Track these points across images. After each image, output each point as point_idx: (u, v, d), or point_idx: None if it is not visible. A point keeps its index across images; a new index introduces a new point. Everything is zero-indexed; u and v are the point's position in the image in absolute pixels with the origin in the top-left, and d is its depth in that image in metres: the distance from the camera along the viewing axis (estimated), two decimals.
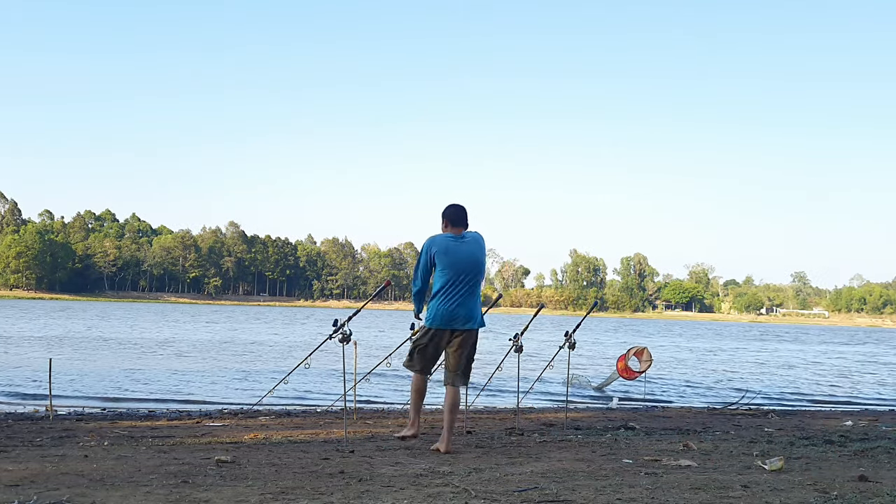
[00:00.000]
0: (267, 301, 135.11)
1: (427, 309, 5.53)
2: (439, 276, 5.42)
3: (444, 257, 5.39)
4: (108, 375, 13.53)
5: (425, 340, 5.54)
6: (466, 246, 5.42)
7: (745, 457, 5.25)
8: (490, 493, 3.74)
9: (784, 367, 22.74)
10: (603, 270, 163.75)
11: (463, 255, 5.39)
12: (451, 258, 5.37)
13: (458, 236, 5.46)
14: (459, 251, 5.39)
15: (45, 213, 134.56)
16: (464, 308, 5.37)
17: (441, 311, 5.38)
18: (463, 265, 5.37)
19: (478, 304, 5.47)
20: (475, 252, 5.44)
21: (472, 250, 5.43)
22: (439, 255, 5.40)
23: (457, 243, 5.42)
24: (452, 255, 5.37)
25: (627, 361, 11.75)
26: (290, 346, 24.77)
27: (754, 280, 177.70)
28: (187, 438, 6.13)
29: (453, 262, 5.37)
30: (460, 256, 5.38)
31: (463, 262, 5.37)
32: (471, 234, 5.52)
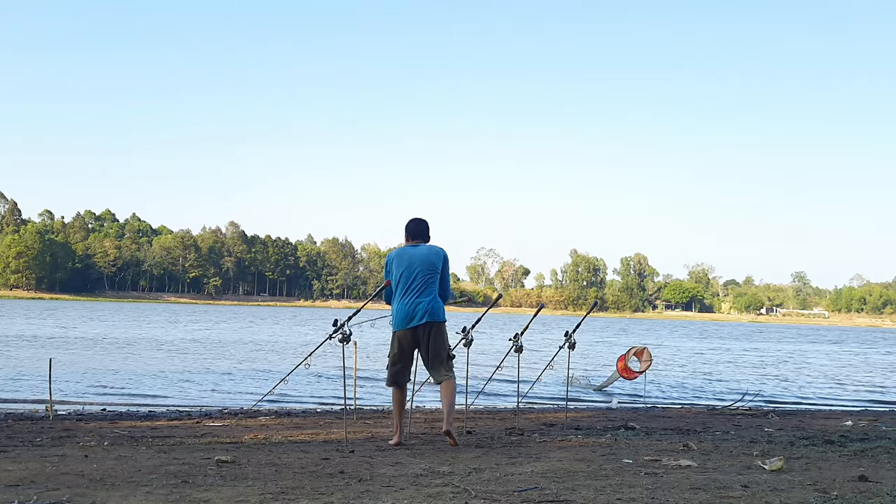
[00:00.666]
0: (267, 301, 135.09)
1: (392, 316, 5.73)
2: (395, 281, 5.68)
3: (398, 262, 5.68)
4: (109, 375, 13.53)
5: (395, 349, 5.69)
6: (418, 250, 5.69)
7: (745, 457, 5.25)
8: (490, 493, 3.74)
9: (784, 367, 22.73)
10: (603, 270, 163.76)
11: (415, 258, 5.63)
12: (404, 262, 5.64)
13: (413, 245, 5.74)
14: (412, 255, 5.65)
15: (45, 213, 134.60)
16: (421, 304, 5.55)
17: (399, 312, 5.60)
18: (415, 266, 5.61)
19: (435, 299, 5.63)
20: (426, 254, 5.67)
21: (424, 252, 5.67)
22: (394, 263, 5.70)
23: (410, 250, 5.70)
24: (405, 259, 5.64)
25: (628, 362, 11.75)
26: (290, 346, 24.77)
27: (754, 280, 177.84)
28: (187, 438, 6.13)
29: (407, 265, 5.62)
30: (412, 259, 5.63)
31: (415, 264, 5.61)
32: (426, 247, 5.75)
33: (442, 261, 5.73)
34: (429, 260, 5.67)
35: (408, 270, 5.62)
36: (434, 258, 5.69)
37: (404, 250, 5.73)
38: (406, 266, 5.64)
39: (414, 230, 5.81)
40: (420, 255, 5.67)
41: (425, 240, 5.80)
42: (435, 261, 5.69)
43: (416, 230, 5.81)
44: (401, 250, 5.76)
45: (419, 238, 5.79)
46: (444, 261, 5.76)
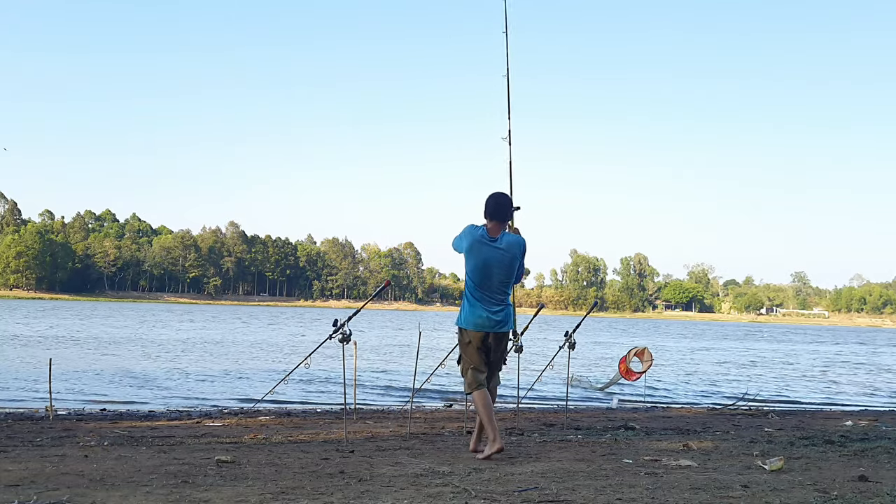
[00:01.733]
0: (267, 301, 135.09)
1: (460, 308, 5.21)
2: (468, 271, 5.08)
3: (474, 255, 5.02)
4: (108, 375, 13.53)
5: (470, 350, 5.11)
6: (498, 248, 5.00)
7: (745, 457, 5.25)
8: (490, 493, 3.74)
9: (783, 368, 22.73)
10: (603, 270, 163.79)
11: (493, 260, 4.99)
12: (480, 258, 5.00)
13: (492, 238, 5.02)
14: (490, 255, 4.99)
15: (45, 213, 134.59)
16: (495, 314, 5.03)
17: (472, 315, 5.04)
18: (492, 268, 4.99)
19: (508, 308, 5.11)
20: (506, 258, 5.02)
21: (504, 256, 5.01)
22: (469, 253, 5.04)
23: (488, 246, 5.00)
24: (483, 257, 4.99)
25: (629, 363, 11.74)
26: (290, 346, 24.77)
27: (754, 280, 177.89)
28: (187, 438, 6.13)
29: (483, 264, 4.99)
30: (490, 260, 4.99)
31: (492, 266, 4.99)
32: (508, 240, 5.05)
33: (521, 255, 5.10)
34: (508, 264, 5.03)
35: (483, 271, 4.99)
36: (512, 260, 5.04)
37: (482, 242, 4.99)
38: (483, 265, 4.99)
39: (494, 209, 5.04)
40: (499, 258, 4.99)
41: (505, 220, 5.07)
42: (512, 263, 5.05)
43: (497, 209, 5.04)
44: (478, 239, 5.00)
45: (497, 219, 5.02)
46: (523, 254, 5.11)
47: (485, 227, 5.05)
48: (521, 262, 5.12)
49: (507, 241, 5.03)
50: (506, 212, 5.06)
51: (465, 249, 5.05)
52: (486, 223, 5.07)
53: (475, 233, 5.03)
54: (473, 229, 5.05)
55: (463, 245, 5.07)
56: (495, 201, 5.07)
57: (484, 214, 5.07)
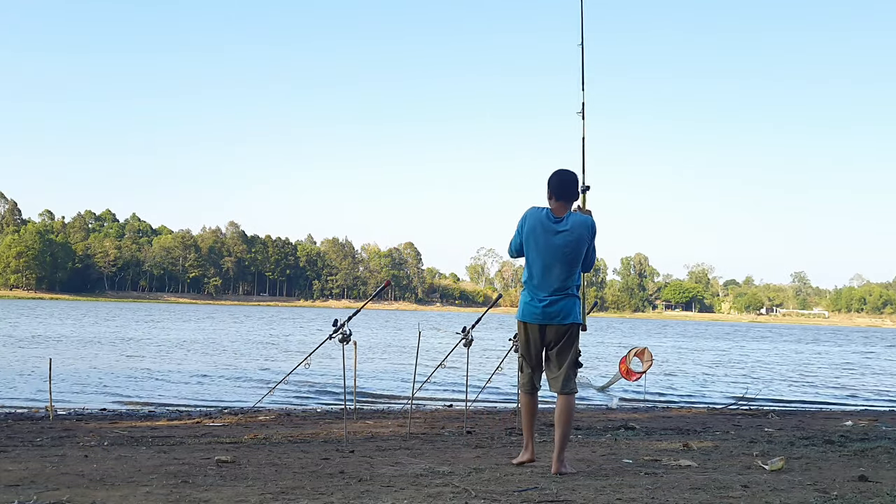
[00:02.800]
0: (267, 301, 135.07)
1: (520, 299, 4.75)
2: (527, 261, 4.60)
3: (532, 242, 4.54)
4: (108, 375, 13.53)
5: (523, 344, 4.66)
6: (561, 238, 4.48)
7: (745, 457, 5.25)
8: (490, 493, 3.74)
9: (783, 367, 22.73)
10: (603, 270, 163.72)
11: (556, 244, 4.48)
12: (540, 242, 4.51)
13: (557, 219, 4.51)
14: (552, 240, 4.49)
15: (45, 213, 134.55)
16: (555, 304, 4.50)
17: (528, 306, 4.57)
18: (555, 254, 4.49)
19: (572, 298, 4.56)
20: (573, 241, 4.49)
21: (569, 239, 4.49)
22: (527, 238, 4.55)
23: (550, 231, 4.50)
24: (543, 240, 4.50)
25: (629, 363, 11.75)
26: (290, 346, 24.77)
27: (754, 280, 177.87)
28: (187, 438, 6.13)
29: (544, 249, 4.50)
30: (552, 245, 4.49)
31: (555, 251, 4.48)
32: (574, 220, 4.53)
33: (589, 238, 4.55)
34: (571, 249, 4.49)
35: (546, 255, 4.49)
36: (577, 245, 4.50)
37: (542, 225, 4.50)
38: (541, 250, 4.50)
39: (559, 187, 4.54)
40: (561, 244, 4.47)
41: (572, 199, 4.58)
42: (577, 249, 4.50)
43: (562, 188, 4.54)
44: (538, 220, 4.52)
45: (565, 199, 4.54)
46: (592, 236, 4.57)
47: (548, 209, 4.57)
48: (590, 244, 4.58)
49: (573, 222, 4.51)
50: (572, 190, 4.57)
51: (525, 231, 4.55)
52: (550, 204, 4.59)
53: (538, 214, 4.55)
54: (536, 211, 4.58)
55: (523, 227, 4.58)
56: (559, 178, 4.57)
57: (548, 195, 4.59)
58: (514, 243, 4.66)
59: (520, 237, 4.61)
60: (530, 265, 4.58)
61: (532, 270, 4.56)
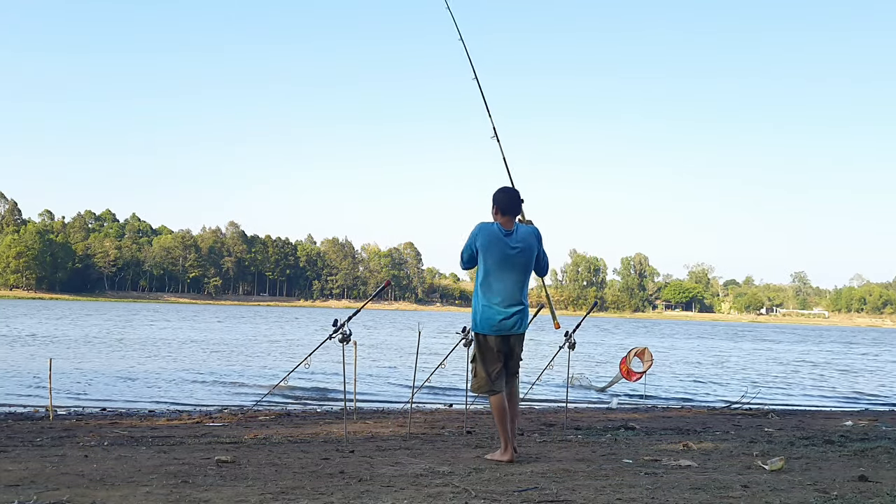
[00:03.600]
0: (267, 301, 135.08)
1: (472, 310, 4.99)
2: (482, 275, 4.88)
3: (488, 256, 4.82)
4: (108, 375, 13.53)
5: (485, 353, 4.92)
6: (516, 249, 4.83)
7: (745, 457, 5.25)
8: (490, 493, 3.74)
9: (783, 368, 22.73)
10: (603, 270, 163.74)
11: (510, 255, 4.81)
12: (495, 253, 4.80)
13: (508, 232, 4.84)
14: (506, 250, 4.81)
15: (45, 213, 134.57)
16: (514, 314, 4.85)
17: (489, 318, 4.84)
18: (509, 264, 4.81)
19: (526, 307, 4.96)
20: (524, 250, 4.85)
21: (521, 248, 4.84)
22: (483, 252, 4.83)
23: (505, 243, 4.82)
24: (498, 251, 4.80)
25: (630, 364, 11.75)
26: (290, 346, 24.77)
27: (754, 280, 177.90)
28: (187, 438, 6.13)
29: (499, 260, 4.80)
30: (506, 255, 4.81)
31: (509, 261, 4.81)
32: (524, 232, 4.90)
33: (538, 247, 4.93)
34: (526, 261, 4.86)
35: (500, 267, 4.80)
36: (530, 254, 4.87)
37: (497, 239, 4.81)
38: (498, 264, 4.80)
39: (506, 203, 4.89)
40: (516, 255, 4.82)
41: (517, 214, 4.93)
42: (530, 258, 4.88)
43: (509, 203, 4.89)
44: (492, 235, 4.82)
45: (511, 213, 4.89)
46: (540, 243, 4.95)
47: (498, 223, 4.88)
48: (540, 250, 4.95)
49: (522, 233, 4.88)
50: (517, 205, 4.92)
51: (481, 246, 4.82)
52: (497, 219, 4.91)
53: (489, 228, 4.85)
54: (487, 226, 4.88)
55: (477, 244, 4.85)
56: (506, 195, 4.92)
57: (494, 211, 4.92)
58: (466, 256, 4.94)
59: (472, 251, 4.90)
60: (489, 278, 4.85)
61: (491, 283, 4.85)
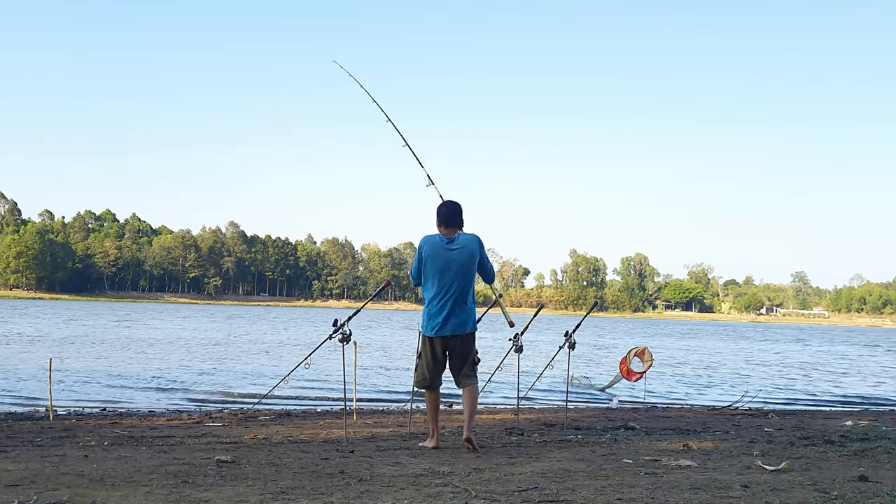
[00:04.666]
0: (267, 301, 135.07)
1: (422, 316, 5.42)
2: (427, 283, 5.30)
3: (432, 262, 5.27)
4: (108, 375, 13.53)
5: (427, 353, 5.37)
6: (454, 250, 5.26)
7: (745, 457, 5.25)
8: (490, 493, 3.73)
9: (783, 367, 22.73)
10: (603, 270, 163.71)
11: (451, 263, 5.24)
12: (438, 263, 5.24)
13: (449, 240, 5.28)
14: (448, 258, 5.24)
15: (45, 213, 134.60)
16: (453, 316, 5.24)
17: (432, 320, 5.27)
18: (451, 271, 5.23)
19: (470, 309, 5.33)
20: (464, 259, 5.26)
21: (461, 257, 5.26)
22: (427, 261, 5.28)
23: (446, 250, 5.25)
24: (441, 261, 5.24)
25: (630, 364, 11.75)
26: (290, 346, 24.77)
27: (754, 280, 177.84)
28: (187, 438, 6.13)
29: (441, 269, 5.23)
30: (448, 264, 5.23)
31: (451, 268, 5.23)
32: (464, 238, 5.33)
33: (479, 252, 5.33)
34: (466, 265, 5.26)
35: (442, 275, 5.24)
36: (470, 259, 5.27)
37: (439, 248, 5.27)
38: (441, 270, 5.24)
39: (447, 217, 5.34)
40: (457, 260, 5.24)
41: (459, 226, 5.35)
42: (471, 262, 5.28)
43: (450, 217, 5.34)
44: (435, 245, 5.29)
45: (453, 226, 5.32)
46: (481, 249, 5.36)
47: (440, 234, 5.35)
48: (482, 255, 5.36)
49: (462, 241, 5.31)
50: (458, 217, 5.36)
51: (427, 256, 5.28)
52: (440, 230, 5.37)
53: (433, 239, 5.33)
54: (430, 237, 5.36)
55: (423, 254, 5.30)
56: (448, 209, 5.38)
57: (437, 223, 5.38)
58: (416, 270, 5.41)
59: (419, 263, 5.36)
60: (432, 284, 5.27)
61: (434, 289, 5.26)
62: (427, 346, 5.36)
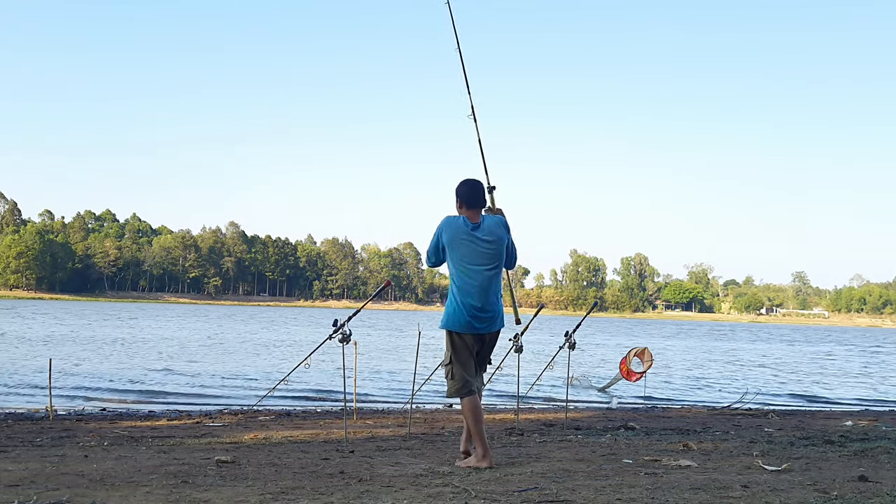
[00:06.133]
0: (267, 301, 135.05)
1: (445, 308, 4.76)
2: (455, 272, 4.65)
3: (456, 245, 4.62)
4: (108, 375, 13.53)
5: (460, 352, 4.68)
6: (485, 242, 4.61)
7: (745, 457, 5.25)
8: (490, 493, 3.73)
9: (783, 368, 22.73)
10: (603, 270, 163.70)
11: (479, 246, 4.60)
12: (462, 247, 4.60)
13: (475, 226, 4.62)
14: (474, 241, 4.60)
15: (45, 213, 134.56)
16: (488, 311, 4.63)
17: (461, 314, 4.62)
18: (479, 256, 4.59)
19: (499, 303, 4.72)
20: (492, 242, 4.62)
21: (488, 240, 4.61)
22: (452, 248, 4.64)
23: (472, 236, 4.60)
24: (465, 244, 4.60)
25: (630, 364, 11.76)
26: (290, 346, 24.77)
27: (754, 280, 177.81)
28: (187, 438, 6.13)
29: (467, 253, 4.59)
30: (475, 248, 4.60)
31: (478, 253, 4.59)
32: (490, 223, 4.68)
33: (507, 235, 4.72)
34: (497, 254, 4.64)
35: (470, 265, 4.58)
36: (500, 246, 4.65)
37: (463, 232, 4.61)
38: (466, 257, 4.59)
39: (469, 196, 4.67)
40: (487, 248, 4.60)
41: (482, 206, 4.71)
42: (501, 251, 4.66)
43: (473, 197, 4.68)
44: (459, 230, 4.62)
45: (477, 206, 4.67)
46: (508, 232, 4.73)
47: (464, 217, 4.67)
48: (508, 240, 4.74)
49: (488, 225, 4.66)
50: (481, 196, 4.73)
51: (448, 242, 4.64)
52: (461, 212, 4.71)
53: (455, 223, 4.66)
54: (452, 220, 4.68)
55: (443, 240, 4.66)
56: (468, 187, 4.71)
57: (458, 205, 4.73)
58: (432, 252, 4.75)
59: (438, 245, 4.70)
60: (459, 274, 4.62)
61: (462, 279, 4.61)
62: (460, 343, 4.66)
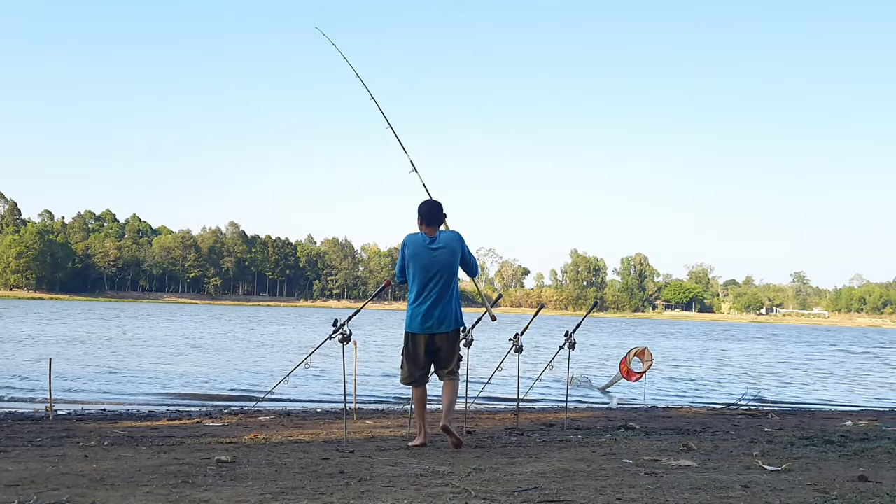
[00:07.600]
0: (267, 301, 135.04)
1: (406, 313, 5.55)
2: (411, 280, 5.43)
3: (414, 260, 5.40)
4: (108, 375, 13.53)
5: (411, 350, 5.49)
6: (436, 248, 5.38)
7: (745, 457, 5.24)
8: (490, 493, 3.73)
9: (783, 368, 22.73)
10: (603, 270, 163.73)
11: (434, 260, 5.36)
12: (421, 261, 5.37)
13: (432, 239, 5.41)
14: (431, 257, 5.36)
15: (45, 213, 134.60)
16: (437, 313, 5.36)
17: (416, 317, 5.40)
18: (434, 268, 5.36)
19: (455, 306, 5.44)
20: (446, 256, 5.38)
21: (443, 255, 5.38)
22: (410, 260, 5.42)
23: (428, 249, 5.38)
24: (423, 259, 5.37)
25: (630, 364, 11.75)
26: (290, 346, 24.77)
27: (754, 280, 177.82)
28: (187, 438, 6.13)
29: (424, 266, 5.36)
30: (431, 262, 5.36)
31: (434, 266, 5.36)
32: (445, 237, 5.46)
33: (461, 248, 5.47)
34: (449, 262, 5.39)
35: (424, 272, 5.37)
36: (452, 257, 5.40)
37: (421, 246, 5.40)
38: (423, 267, 5.37)
39: (429, 215, 5.46)
40: (439, 258, 5.37)
41: (439, 224, 5.49)
42: (453, 260, 5.41)
43: (432, 215, 5.46)
44: (417, 244, 5.42)
45: (434, 224, 5.46)
46: (462, 244, 5.49)
47: (422, 233, 5.46)
48: (464, 251, 5.49)
49: (444, 238, 5.45)
50: (439, 215, 5.48)
51: (410, 255, 5.40)
52: (421, 229, 5.48)
53: (415, 239, 5.45)
54: (413, 236, 5.47)
55: (407, 253, 5.42)
56: (429, 207, 5.49)
57: (419, 222, 5.48)
58: (399, 270, 5.56)
59: (403, 261, 5.49)
60: (416, 282, 5.40)
61: (418, 287, 5.39)
62: (410, 342, 5.48)
